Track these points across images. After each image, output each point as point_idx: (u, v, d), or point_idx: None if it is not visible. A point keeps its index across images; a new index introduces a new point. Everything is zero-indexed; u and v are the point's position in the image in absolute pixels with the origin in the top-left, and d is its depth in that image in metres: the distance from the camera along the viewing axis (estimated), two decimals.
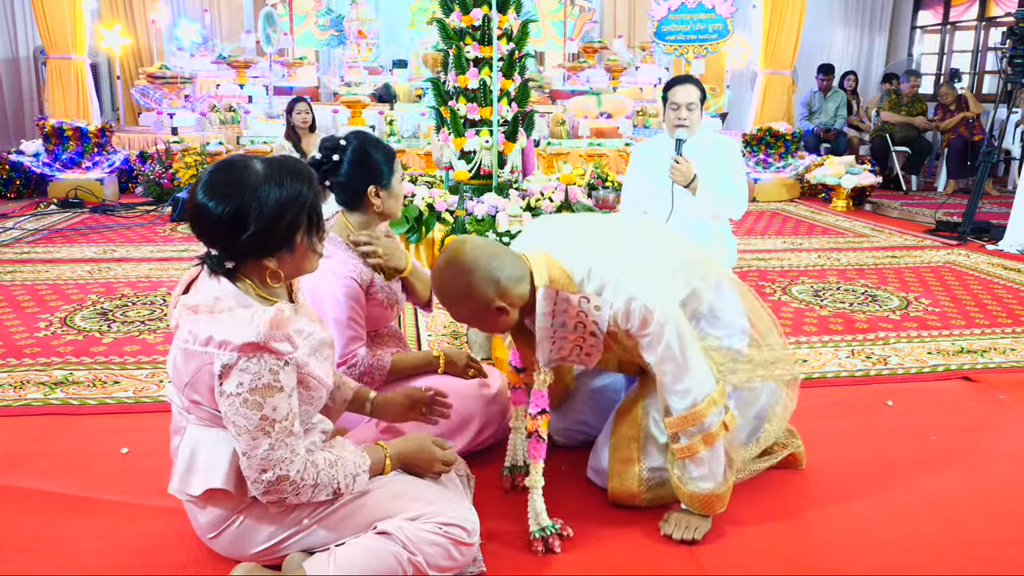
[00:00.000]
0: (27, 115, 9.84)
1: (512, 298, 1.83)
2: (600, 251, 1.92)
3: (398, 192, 2.31)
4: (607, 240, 2.00)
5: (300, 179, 1.57)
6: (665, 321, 1.84)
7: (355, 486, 1.68)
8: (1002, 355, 3.35)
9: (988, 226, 5.90)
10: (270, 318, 1.49)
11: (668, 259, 2.01)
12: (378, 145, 2.28)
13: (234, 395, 1.51)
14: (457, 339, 3.49)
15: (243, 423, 1.53)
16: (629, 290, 1.84)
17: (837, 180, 7.27)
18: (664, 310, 1.84)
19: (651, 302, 1.83)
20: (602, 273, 1.86)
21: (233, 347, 1.48)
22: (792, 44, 8.24)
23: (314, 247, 1.63)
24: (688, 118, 3.52)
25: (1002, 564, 1.89)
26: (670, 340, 1.85)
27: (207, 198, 1.52)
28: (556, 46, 10.34)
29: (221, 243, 1.57)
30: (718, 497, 1.96)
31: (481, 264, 1.79)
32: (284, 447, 1.56)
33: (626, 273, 1.86)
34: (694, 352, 1.89)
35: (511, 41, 4.96)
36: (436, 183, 5.57)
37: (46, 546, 1.92)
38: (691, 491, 1.95)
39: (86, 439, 2.53)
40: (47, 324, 3.67)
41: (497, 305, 1.81)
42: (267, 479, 1.56)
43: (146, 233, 5.94)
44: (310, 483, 1.60)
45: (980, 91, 10.25)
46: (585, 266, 1.87)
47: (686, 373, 1.88)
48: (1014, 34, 5.76)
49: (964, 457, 2.44)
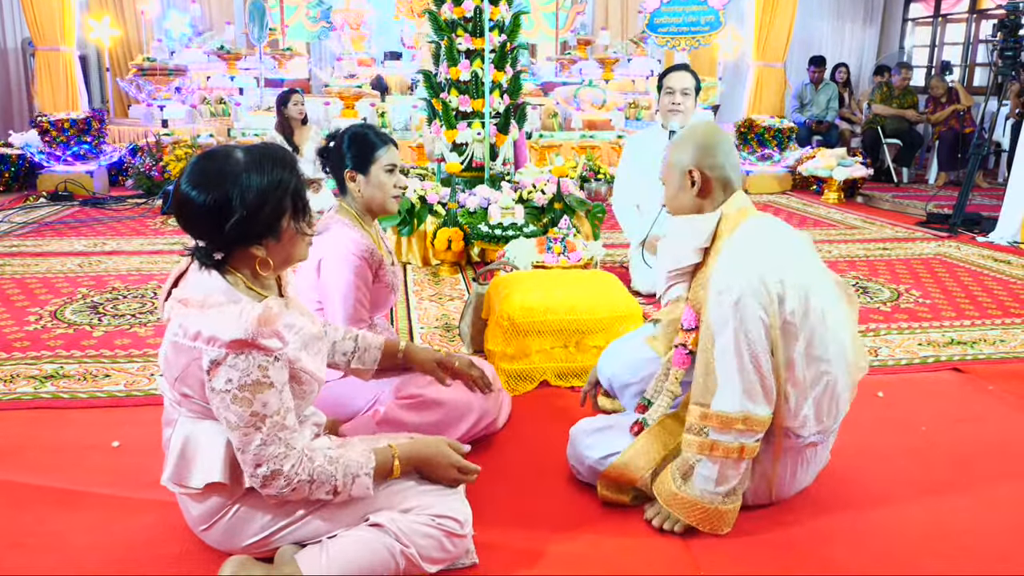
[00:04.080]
0: (15, 107, 9.77)
1: (707, 176, 1.93)
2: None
3: (378, 181, 2.33)
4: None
5: (281, 165, 1.57)
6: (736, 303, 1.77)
7: (354, 487, 1.65)
8: (992, 346, 3.37)
9: (979, 218, 5.93)
10: (258, 315, 1.48)
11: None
12: (364, 135, 2.32)
13: (223, 391, 1.51)
14: (449, 331, 3.49)
15: (234, 419, 1.53)
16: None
17: (828, 172, 7.29)
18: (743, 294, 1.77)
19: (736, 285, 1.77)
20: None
21: (221, 343, 1.48)
22: (784, 36, 8.24)
23: (301, 231, 1.62)
24: (682, 103, 3.54)
25: (989, 554, 1.90)
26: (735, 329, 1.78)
27: (190, 188, 1.52)
28: (548, 38, 10.32)
29: (207, 233, 1.57)
30: (707, 510, 1.90)
31: (711, 132, 1.99)
32: (277, 442, 1.56)
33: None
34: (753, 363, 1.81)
35: (503, 33, 4.95)
36: (428, 175, 5.57)
37: (36, 540, 1.91)
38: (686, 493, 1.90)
39: (76, 433, 2.52)
40: (37, 318, 3.65)
41: (691, 168, 1.93)
42: (262, 473, 1.56)
43: (136, 226, 5.91)
44: (305, 479, 1.59)
45: (971, 84, 10.28)
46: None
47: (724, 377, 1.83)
48: (1005, 27, 5.77)
49: (954, 448, 2.45)
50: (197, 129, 7.90)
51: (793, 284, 1.80)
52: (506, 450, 2.39)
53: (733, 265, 1.83)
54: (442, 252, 4.59)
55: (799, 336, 1.82)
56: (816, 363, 1.86)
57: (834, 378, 1.89)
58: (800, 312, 1.81)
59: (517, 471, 2.26)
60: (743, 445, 1.85)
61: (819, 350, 1.85)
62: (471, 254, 4.66)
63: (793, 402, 1.87)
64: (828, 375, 1.88)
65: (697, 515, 1.90)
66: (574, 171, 6.79)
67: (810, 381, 1.86)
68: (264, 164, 1.55)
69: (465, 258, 4.68)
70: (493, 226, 4.58)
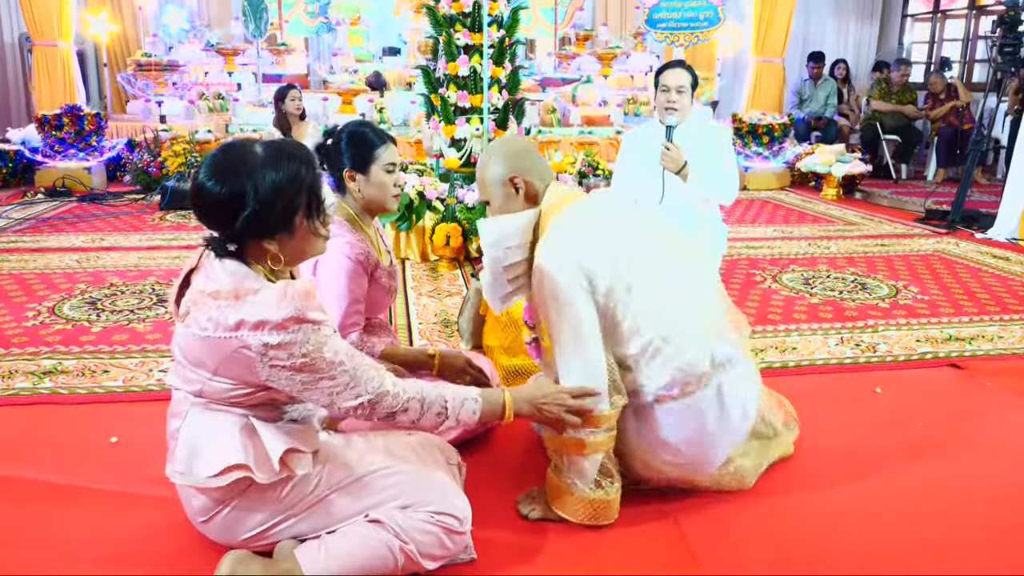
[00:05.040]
0: (12, 103, 9.74)
1: (527, 180, 1.97)
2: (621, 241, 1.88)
3: (379, 181, 2.29)
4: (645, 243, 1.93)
5: (298, 161, 1.57)
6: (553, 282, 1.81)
7: (462, 411, 1.70)
8: (990, 343, 3.37)
9: (977, 215, 5.93)
10: (304, 289, 1.51)
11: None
12: (363, 133, 2.28)
13: (288, 367, 1.52)
14: (447, 327, 3.49)
15: (312, 378, 1.55)
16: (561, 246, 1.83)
17: (827, 168, 7.29)
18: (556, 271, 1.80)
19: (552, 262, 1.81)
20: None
21: (272, 325, 1.49)
22: (783, 32, 8.24)
23: (316, 230, 1.62)
24: (677, 101, 3.52)
25: (984, 548, 1.91)
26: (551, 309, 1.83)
27: (207, 178, 1.53)
28: (546, 33, 10.31)
29: (220, 224, 1.57)
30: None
31: (513, 146, 2.04)
32: (366, 368, 1.61)
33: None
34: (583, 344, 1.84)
35: (501, 28, 4.95)
36: (426, 171, 5.56)
37: (35, 536, 1.91)
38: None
39: (75, 428, 2.51)
40: (35, 313, 3.65)
41: (511, 176, 1.96)
42: (367, 400, 1.60)
43: (134, 222, 5.90)
44: (415, 396, 1.65)
45: (970, 80, 10.28)
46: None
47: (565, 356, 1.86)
48: (1004, 22, 5.76)
49: (951, 444, 2.45)
50: (195, 125, 7.88)
51: (600, 262, 1.82)
52: (504, 446, 2.39)
53: (545, 255, 1.85)
54: (440, 248, 4.59)
55: (616, 310, 1.83)
56: (637, 334, 1.85)
57: (663, 340, 1.85)
58: (612, 287, 1.82)
59: (516, 467, 2.26)
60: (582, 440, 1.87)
61: (638, 320, 1.84)
62: (470, 250, 4.66)
63: (633, 367, 1.88)
64: (653, 342, 1.85)
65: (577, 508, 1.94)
66: (573, 167, 6.78)
67: (641, 347, 1.85)
68: (280, 159, 1.55)
69: (464, 254, 4.68)
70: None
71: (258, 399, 1.62)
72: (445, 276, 4.43)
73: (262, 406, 1.64)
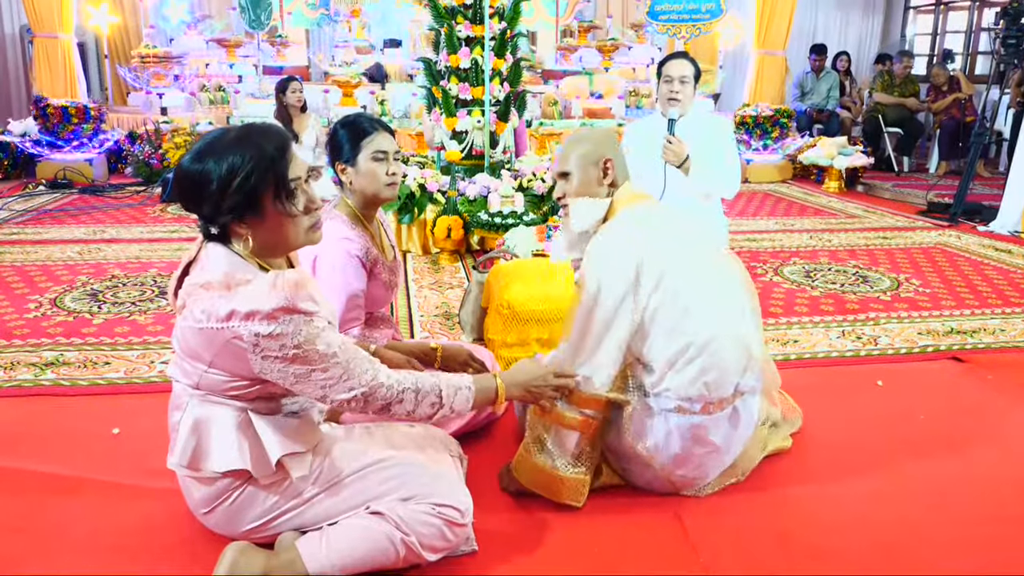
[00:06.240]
0: (13, 94, 9.73)
1: (616, 167, 2.07)
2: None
3: (367, 169, 2.24)
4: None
5: (264, 139, 1.55)
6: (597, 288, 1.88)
7: (456, 400, 1.71)
8: (991, 336, 3.37)
9: (980, 207, 5.92)
10: (294, 279, 1.50)
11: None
12: (353, 122, 2.27)
13: (280, 358, 1.51)
14: (449, 320, 3.49)
15: (304, 370, 1.54)
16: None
17: (829, 161, 7.27)
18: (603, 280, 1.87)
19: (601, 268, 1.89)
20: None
21: (263, 316, 1.48)
22: (785, 24, 8.20)
23: (288, 212, 1.56)
24: (680, 91, 3.51)
25: (985, 541, 1.91)
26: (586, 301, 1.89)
27: (184, 161, 1.55)
28: (548, 25, 10.27)
29: (192, 205, 1.58)
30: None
31: (608, 134, 2.18)
32: (359, 360, 1.60)
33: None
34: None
35: (503, 20, 4.93)
36: (428, 163, 5.55)
37: (37, 527, 1.92)
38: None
39: (76, 420, 2.52)
40: (37, 305, 3.65)
41: (606, 159, 2.05)
42: (360, 393, 1.59)
43: (136, 214, 5.90)
44: (410, 387, 1.65)
45: (973, 72, 10.25)
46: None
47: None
48: (1007, 14, 5.74)
49: (952, 437, 2.45)
50: (196, 117, 7.87)
51: (653, 257, 1.88)
52: (506, 438, 2.40)
53: (606, 237, 1.96)
54: (442, 240, 4.58)
55: (654, 313, 1.88)
56: (675, 336, 1.89)
57: (697, 351, 1.89)
58: (653, 291, 1.88)
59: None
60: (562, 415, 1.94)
61: (675, 323, 1.88)
62: (471, 242, 4.66)
63: (657, 371, 1.92)
64: (689, 349, 1.89)
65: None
66: None
67: (671, 356, 1.89)
68: (245, 141, 1.53)
69: (465, 246, 4.67)
70: (493, 214, 4.57)
71: (255, 392, 1.62)
72: (446, 269, 4.42)
73: (260, 399, 1.64)
